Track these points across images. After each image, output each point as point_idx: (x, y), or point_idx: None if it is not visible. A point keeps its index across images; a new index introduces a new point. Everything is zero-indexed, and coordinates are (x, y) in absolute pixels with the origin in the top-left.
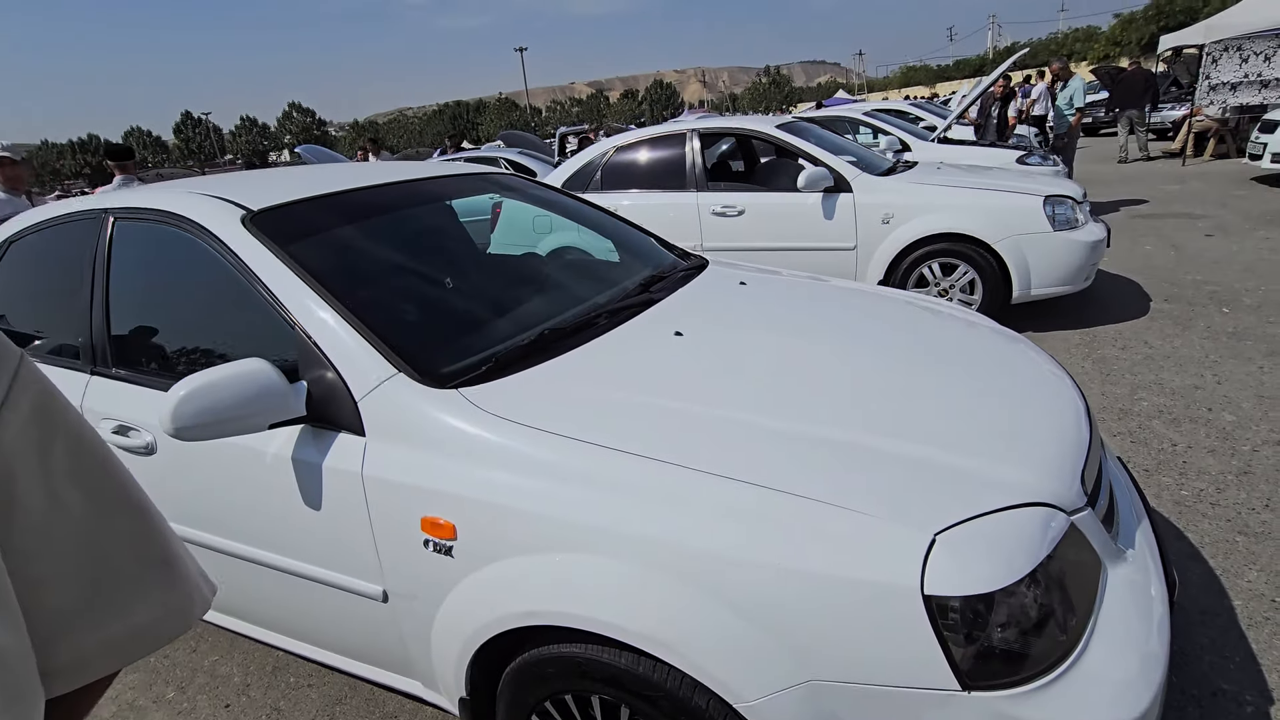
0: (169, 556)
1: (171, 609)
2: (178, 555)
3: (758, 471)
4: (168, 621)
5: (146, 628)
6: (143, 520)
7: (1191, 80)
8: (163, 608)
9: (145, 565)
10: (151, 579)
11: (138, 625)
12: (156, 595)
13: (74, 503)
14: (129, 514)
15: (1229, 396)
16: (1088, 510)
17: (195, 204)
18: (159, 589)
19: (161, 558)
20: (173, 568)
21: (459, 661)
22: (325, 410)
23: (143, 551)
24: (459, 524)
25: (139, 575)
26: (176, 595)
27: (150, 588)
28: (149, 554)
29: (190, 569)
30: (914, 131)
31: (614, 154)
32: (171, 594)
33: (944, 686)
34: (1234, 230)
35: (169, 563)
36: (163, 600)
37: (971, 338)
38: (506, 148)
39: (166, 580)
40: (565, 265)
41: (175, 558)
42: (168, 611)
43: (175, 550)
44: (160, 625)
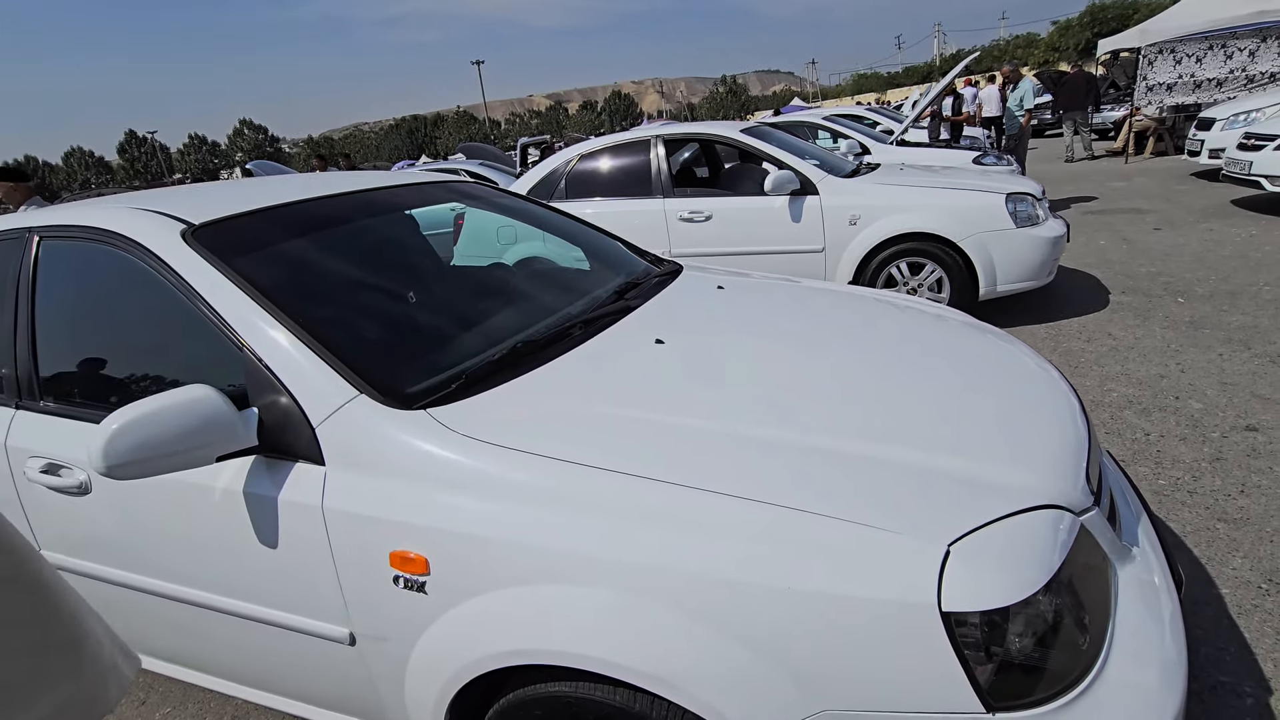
0: (76, 638)
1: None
2: (86, 634)
3: (755, 486)
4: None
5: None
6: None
7: (1129, 82)
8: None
9: (45, 652)
10: (54, 667)
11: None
12: (61, 685)
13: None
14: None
15: (1194, 384)
16: (1095, 509)
17: (129, 219)
18: (64, 678)
19: (64, 642)
20: (81, 650)
21: (436, 706)
22: (279, 439)
23: (41, 636)
24: (432, 557)
25: (38, 664)
26: (85, 682)
27: (53, 677)
28: (49, 638)
29: (104, 649)
30: (872, 135)
31: (578, 162)
32: (80, 681)
33: (967, 709)
34: (1180, 223)
35: (76, 645)
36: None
37: (954, 335)
38: (467, 160)
39: (73, 667)
40: (534, 275)
41: (83, 638)
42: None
43: (84, 629)
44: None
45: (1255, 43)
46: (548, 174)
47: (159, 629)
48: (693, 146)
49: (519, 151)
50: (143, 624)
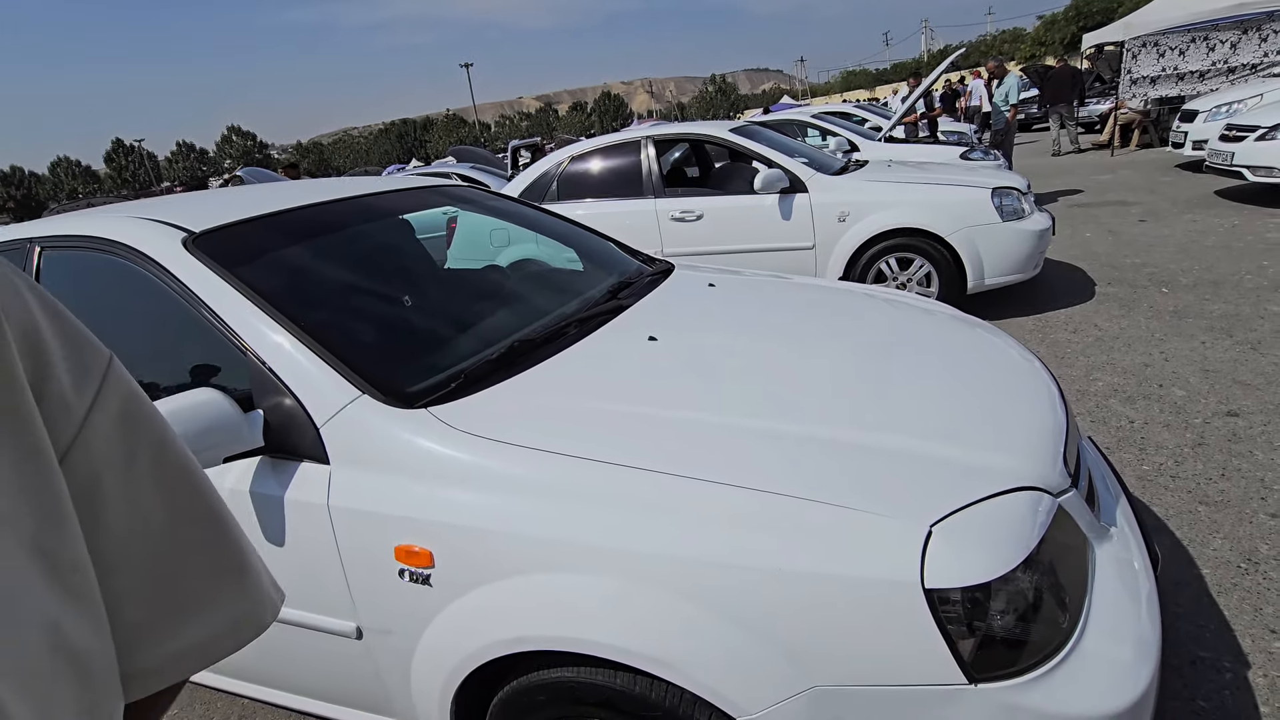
0: (243, 565)
1: (243, 618)
2: (251, 564)
3: (745, 474)
4: (239, 631)
5: (220, 635)
6: (220, 530)
7: (1114, 75)
8: (235, 616)
9: (220, 575)
10: (226, 589)
11: (212, 633)
12: (230, 604)
13: (155, 512)
14: (207, 524)
15: (1177, 372)
16: (1073, 491)
17: (131, 228)
18: (232, 598)
19: (236, 567)
20: (246, 576)
21: (443, 696)
22: (284, 439)
23: (218, 561)
24: (436, 551)
25: (214, 585)
26: (248, 603)
27: (224, 597)
28: (224, 565)
29: (263, 579)
30: (860, 132)
31: (569, 164)
32: (244, 602)
33: (950, 681)
34: (1164, 215)
35: (243, 571)
36: (235, 611)
37: (940, 327)
38: (458, 163)
39: (240, 589)
40: (529, 276)
41: (249, 566)
42: (239, 622)
43: (249, 559)
44: (231, 635)
45: (1236, 34)
46: (539, 176)
47: None
48: (683, 146)
49: (510, 154)
50: None
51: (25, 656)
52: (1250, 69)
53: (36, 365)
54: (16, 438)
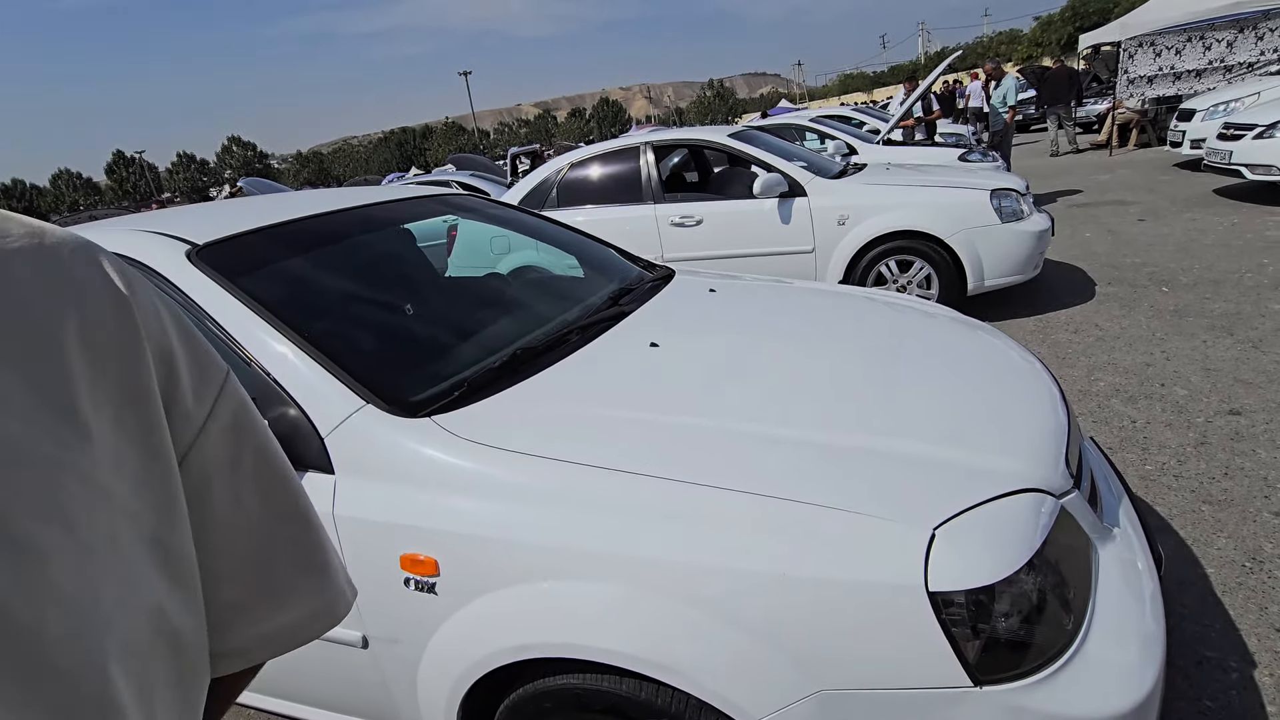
0: (325, 564)
1: (321, 611)
2: (331, 563)
3: (748, 479)
4: (317, 621)
5: (299, 625)
6: (307, 529)
7: (1111, 75)
8: (315, 609)
9: (304, 570)
10: (308, 583)
11: (292, 622)
12: (310, 598)
13: (254, 509)
14: (297, 523)
15: (1179, 372)
16: (1075, 492)
17: (135, 241)
18: (313, 593)
19: (320, 563)
20: (326, 574)
21: (449, 704)
22: (289, 449)
23: (304, 558)
24: (441, 559)
25: (298, 579)
26: (327, 599)
27: (308, 589)
28: (309, 561)
29: (339, 576)
30: (858, 135)
31: (569, 171)
32: (323, 598)
33: (955, 684)
34: (1164, 214)
35: (324, 569)
36: (315, 602)
37: (940, 330)
38: (457, 171)
39: (320, 585)
40: (530, 284)
41: (329, 565)
42: (318, 612)
43: (330, 558)
44: (311, 624)
45: (1233, 33)
46: (539, 183)
47: None
48: (682, 152)
49: (509, 161)
50: None
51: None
52: (1247, 67)
53: (168, 379)
54: (147, 444)
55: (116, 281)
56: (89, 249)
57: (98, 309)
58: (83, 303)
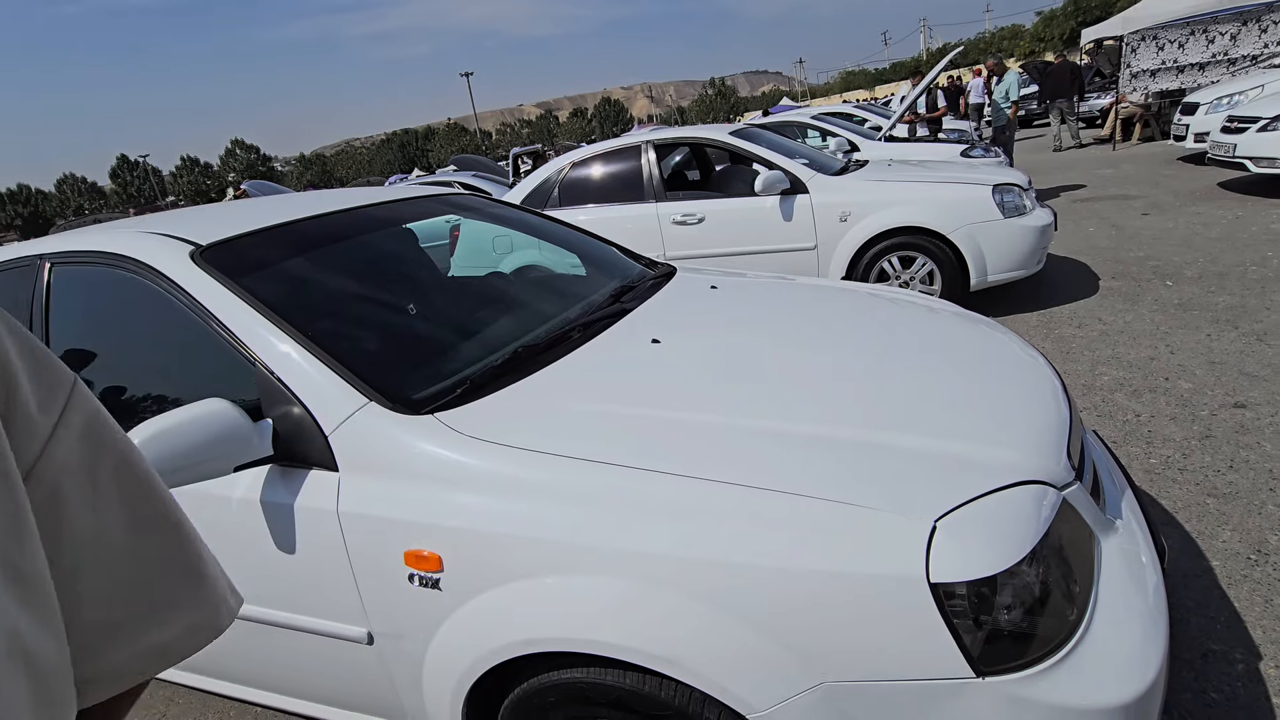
0: (201, 572)
1: (201, 622)
2: (208, 570)
3: (750, 474)
4: (197, 633)
5: (177, 639)
6: (180, 539)
7: (1114, 69)
8: (195, 621)
9: (179, 581)
10: (184, 594)
11: (169, 637)
12: (188, 609)
13: (116, 520)
14: (168, 533)
15: (1183, 365)
16: (1077, 484)
17: (139, 242)
18: (191, 604)
19: (195, 574)
20: (204, 583)
21: (454, 699)
22: (294, 448)
23: (177, 568)
24: (445, 555)
25: (173, 591)
26: (206, 609)
27: (182, 602)
28: (183, 571)
29: (220, 582)
30: (860, 132)
31: (570, 170)
32: (202, 608)
33: (957, 675)
34: (1168, 208)
35: (201, 578)
36: (193, 614)
37: (942, 324)
38: (460, 171)
39: (198, 595)
40: (531, 283)
41: (206, 573)
42: (197, 624)
43: (207, 566)
44: (190, 637)
45: (1236, 26)
46: (540, 183)
47: None
48: (683, 150)
49: (511, 161)
50: None
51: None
52: (1251, 60)
53: (5, 390)
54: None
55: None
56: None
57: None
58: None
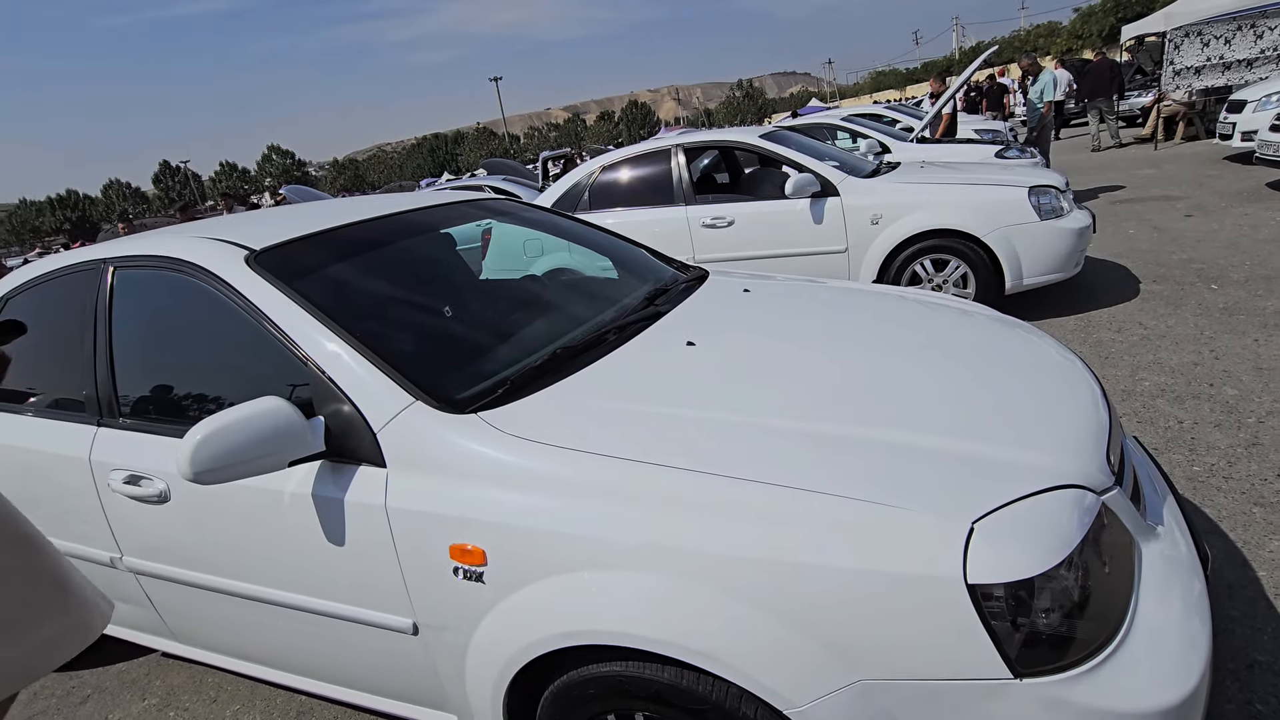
0: (63, 583)
1: (70, 628)
2: (72, 580)
3: (790, 474)
4: (68, 639)
5: (47, 647)
6: (33, 553)
7: (1155, 67)
8: (62, 627)
9: (40, 595)
10: (47, 606)
11: (35, 647)
12: (54, 619)
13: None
14: (18, 549)
15: (1229, 371)
16: (1116, 489)
17: (196, 247)
18: (55, 614)
19: (55, 585)
20: (66, 592)
21: (495, 689)
22: (344, 444)
23: (35, 582)
24: (488, 549)
25: (33, 603)
26: (72, 617)
27: (46, 614)
28: (43, 584)
29: (85, 591)
30: (891, 133)
31: (600, 174)
32: (67, 617)
33: (995, 676)
34: (1213, 209)
35: (63, 589)
36: (60, 622)
37: (978, 327)
38: (489, 175)
39: (62, 605)
40: (566, 286)
41: (67, 583)
42: (67, 630)
43: (69, 575)
44: (60, 643)
45: None
46: (571, 186)
47: (230, 627)
48: (712, 153)
49: (540, 165)
50: (214, 623)
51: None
52: None
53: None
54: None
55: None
56: None
57: None
58: None
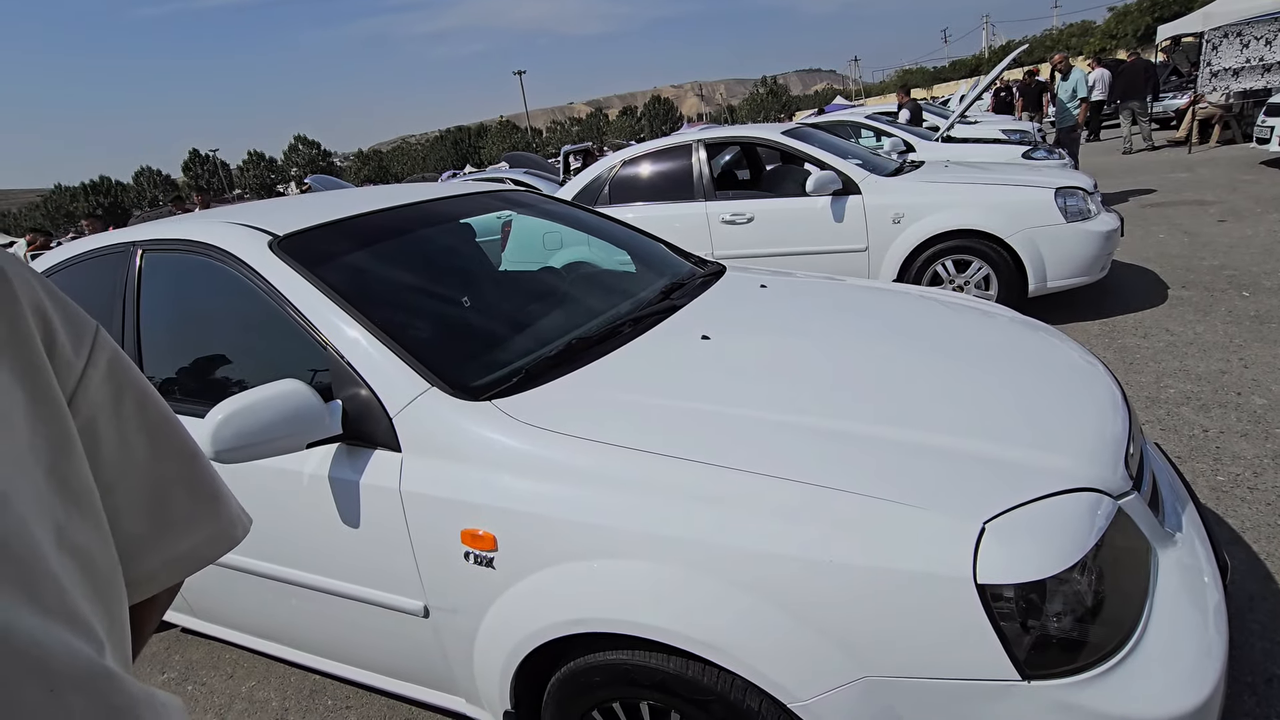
0: (215, 493)
1: (217, 534)
2: (221, 492)
3: (801, 469)
4: (217, 544)
5: (198, 548)
6: (194, 463)
7: (1192, 68)
8: (212, 533)
9: (197, 499)
10: (202, 510)
11: (191, 547)
12: (206, 523)
13: (140, 446)
14: (183, 459)
15: (1257, 380)
16: (1134, 494)
17: (222, 232)
18: (209, 518)
19: (210, 494)
20: (218, 502)
21: (503, 674)
22: (360, 428)
23: (195, 489)
24: (499, 535)
25: (193, 507)
26: (221, 523)
27: (202, 517)
28: (200, 491)
29: (232, 504)
30: (917, 132)
31: (621, 168)
32: (217, 522)
33: (1003, 677)
34: (1247, 214)
35: (215, 498)
36: (211, 527)
37: (998, 328)
38: (512, 168)
39: (213, 512)
40: (584, 278)
41: (220, 494)
42: (214, 536)
43: (219, 488)
44: (212, 544)
45: None
46: (592, 180)
47: (247, 605)
48: (734, 149)
49: (562, 159)
50: (231, 601)
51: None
52: None
53: (45, 332)
54: (36, 387)
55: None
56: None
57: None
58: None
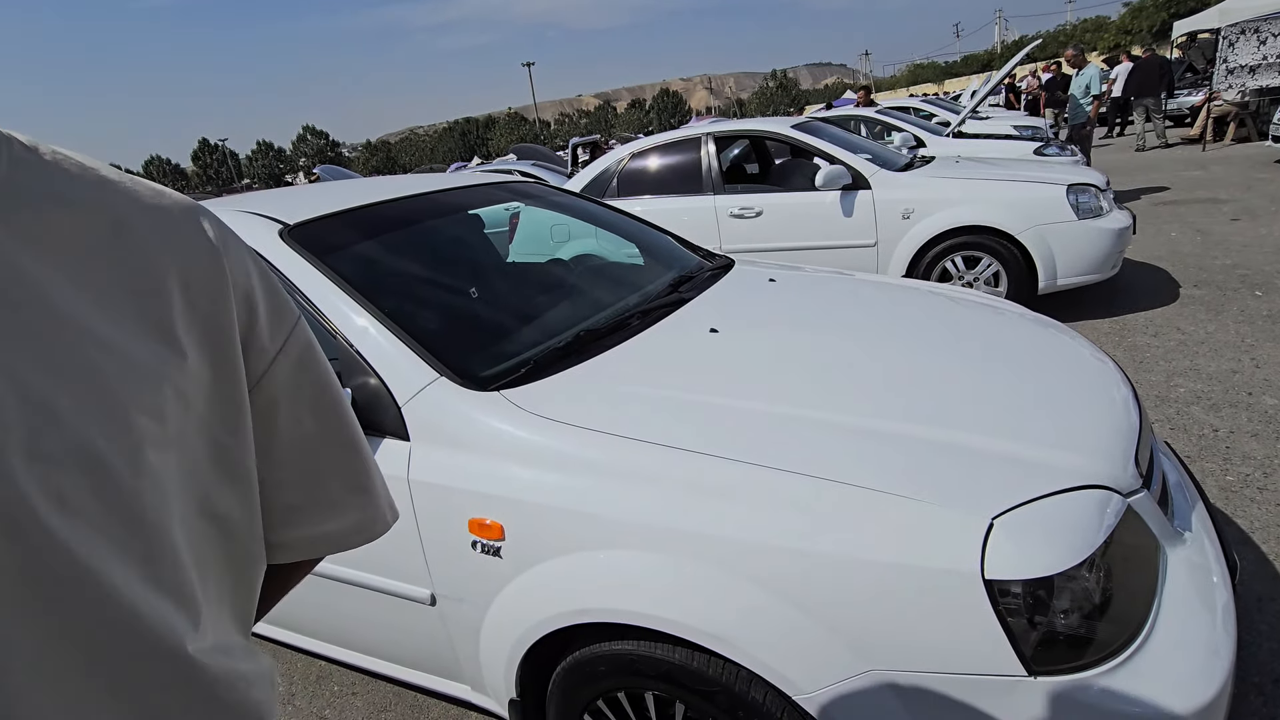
0: (368, 486)
1: (362, 525)
2: (374, 486)
3: (809, 463)
4: (360, 533)
5: (347, 531)
6: (356, 454)
7: (1207, 64)
8: (358, 522)
9: (351, 488)
10: (352, 500)
11: (336, 530)
12: (355, 512)
13: (312, 430)
14: (347, 448)
15: (1269, 380)
16: (1144, 492)
17: (233, 220)
18: (357, 508)
19: (364, 485)
20: (369, 495)
21: (509, 662)
22: (369, 416)
23: (350, 478)
24: (506, 524)
25: (345, 494)
26: (368, 515)
27: (353, 504)
28: (355, 481)
29: (381, 499)
30: (928, 127)
31: (629, 160)
32: (364, 514)
33: (1009, 672)
34: (1261, 213)
35: (367, 490)
36: (359, 516)
37: (1008, 325)
38: (519, 160)
39: (362, 503)
40: (592, 270)
41: (373, 487)
42: (361, 525)
43: (374, 482)
44: (354, 534)
45: None
46: (600, 173)
47: None
48: (743, 143)
49: (570, 151)
50: None
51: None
52: None
53: (249, 317)
54: (222, 367)
55: (211, 237)
56: (194, 211)
57: (195, 258)
58: (184, 252)
